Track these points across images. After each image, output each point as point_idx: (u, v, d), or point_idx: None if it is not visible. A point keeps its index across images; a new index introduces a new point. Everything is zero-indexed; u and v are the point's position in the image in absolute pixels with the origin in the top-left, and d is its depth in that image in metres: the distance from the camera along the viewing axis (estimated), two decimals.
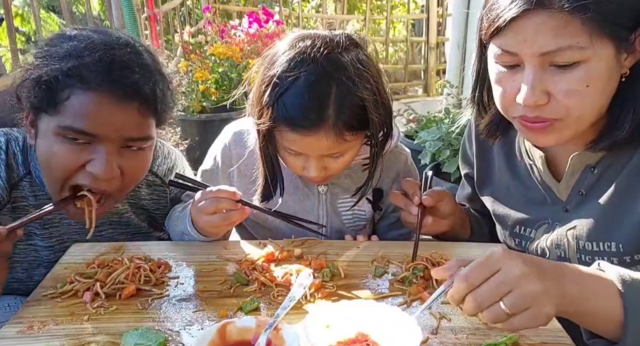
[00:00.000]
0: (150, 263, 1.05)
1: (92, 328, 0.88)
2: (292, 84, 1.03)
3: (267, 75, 1.07)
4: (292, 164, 1.15)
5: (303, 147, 1.09)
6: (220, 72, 3.87)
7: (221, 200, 1.08)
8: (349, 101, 1.04)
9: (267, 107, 1.06)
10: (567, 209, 1.08)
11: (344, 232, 1.31)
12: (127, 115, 1.02)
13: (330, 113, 1.03)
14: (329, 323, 0.85)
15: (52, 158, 1.04)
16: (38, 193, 1.16)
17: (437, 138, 2.77)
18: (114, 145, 1.03)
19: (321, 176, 1.14)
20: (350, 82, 1.04)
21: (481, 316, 0.89)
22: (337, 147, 1.08)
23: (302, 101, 1.03)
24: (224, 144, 1.31)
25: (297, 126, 1.04)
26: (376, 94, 1.08)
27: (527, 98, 0.91)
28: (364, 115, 1.07)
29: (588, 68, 0.88)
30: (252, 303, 0.94)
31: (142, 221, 1.31)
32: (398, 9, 7.51)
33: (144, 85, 1.03)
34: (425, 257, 1.09)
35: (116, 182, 1.07)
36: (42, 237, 1.19)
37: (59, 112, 1.00)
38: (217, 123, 3.70)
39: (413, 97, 6.25)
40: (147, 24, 3.87)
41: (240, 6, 5.96)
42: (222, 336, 0.81)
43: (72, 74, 0.99)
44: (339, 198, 1.31)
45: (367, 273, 1.07)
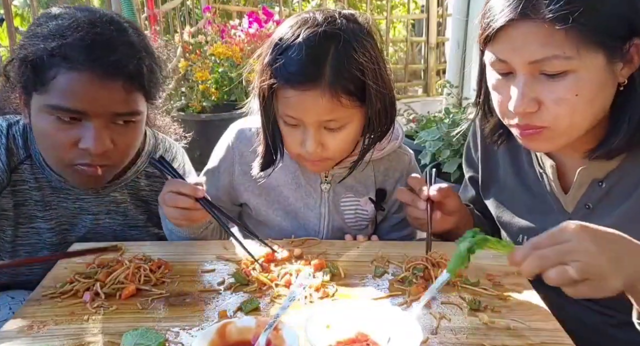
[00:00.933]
0: (150, 263, 1.05)
1: (92, 328, 0.88)
2: (292, 42, 1.06)
3: (270, 42, 1.11)
4: (291, 140, 1.15)
5: (300, 110, 1.08)
6: (220, 72, 3.86)
7: (179, 197, 1.07)
8: (347, 63, 1.06)
9: (267, 65, 1.09)
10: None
11: (345, 230, 1.31)
12: (112, 92, 1.04)
13: (327, 71, 1.05)
14: (329, 323, 0.85)
15: (46, 136, 1.07)
16: (38, 176, 1.19)
17: (437, 138, 2.76)
18: (103, 120, 1.05)
19: (318, 153, 1.13)
20: (348, 45, 1.06)
21: (480, 317, 0.89)
22: (334, 112, 1.08)
23: (300, 57, 1.05)
24: (227, 143, 1.32)
25: (294, 81, 1.06)
26: (375, 65, 1.09)
27: (517, 105, 0.93)
28: (362, 84, 1.08)
29: (577, 77, 0.89)
30: (252, 303, 0.94)
31: (139, 213, 1.31)
32: (398, 9, 7.49)
33: (127, 63, 1.04)
34: (425, 257, 1.09)
35: (110, 156, 1.09)
36: (44, 219, 1.21)
37: (46, 91, 1.03)
38: (217, 123, 3.70)
39: (413, 97, 6.24)
40: (147, 24, 3.86)
41: (240, 6, 5.96)
42: (222, 336, 0.81)
43: (56, 53, 1.01)
44: (342, 197, 1.30)
45: (367, 273, 1.07)
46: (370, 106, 1.11)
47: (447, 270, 0.84)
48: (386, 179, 1.32)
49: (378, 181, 1.32)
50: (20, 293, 1.19)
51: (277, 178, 1.29)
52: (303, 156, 1.16)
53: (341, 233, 1.30)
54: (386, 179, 1.32)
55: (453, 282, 1.02)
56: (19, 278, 1.23)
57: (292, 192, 1.29)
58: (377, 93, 1.10)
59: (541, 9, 0.86)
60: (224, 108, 3.80)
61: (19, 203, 1.19)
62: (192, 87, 4.00)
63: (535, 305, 0.96)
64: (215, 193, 1.30)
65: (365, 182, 1.31)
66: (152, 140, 1.32)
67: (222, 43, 3.98)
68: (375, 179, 1.31)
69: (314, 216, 1.29)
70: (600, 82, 0.90)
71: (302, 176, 1.29)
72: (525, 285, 1.03)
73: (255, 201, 1.31)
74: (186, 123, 4.50)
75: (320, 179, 1.29)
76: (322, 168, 1.24)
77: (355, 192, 1.31)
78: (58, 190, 1.21)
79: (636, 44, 0.89)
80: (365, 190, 1.31)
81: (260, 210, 1.32)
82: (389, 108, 1.16)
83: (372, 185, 1.31)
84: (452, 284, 1.02)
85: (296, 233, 1.28)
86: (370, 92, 1.09)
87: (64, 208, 1.23)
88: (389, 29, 6.39)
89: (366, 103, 1.10)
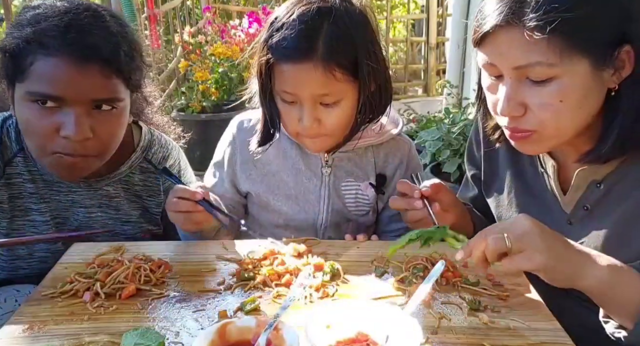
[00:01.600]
0: (150, 263, 1.05)
1: (92, 328, 0.88)
2: (287, 19, 1.09)
3: (268, 21, 1.15)
4: (288, 117, 1.18)
5: (295, 84, 1.11)
6: (220, 72, 3.86)
7: (180, 201, 1.09)
8: (340, 38, 1.09)
9: (264, 43, 1.13)
10: (570, 222, 1.07)
11: (345, 215, 1.33)
12: (89, 77, 1.05)
13: (320, 45, 1.08)
14: (329, 323, 0.85)
15: (27, 124, 1.08)
16: (32, 168, 1.20)
17: (437, 138, 2.77)
18: (83, 107, 1.06)
19: (314, 129, 1.15)
20: (341, 21, 1.09)
21: (480, 317, 0.90)
22: (328, 86, 1.10)
23: (293, 32, 1.08)
24: (228, 134, 1.37)
25: (289, 56, 1.09)
26: (369, 44, 1.13)
27: (503, 109, 0.95)
28: (355, 59, 1.11)
29: (561, 84, 0.89)
30: (252, 303, 0.94)
31: (133, 209, 1.32)
32: (398, 9, 7.49)
33: (102, 47, 1.05)
34: (425, 257, 1.09)
35: (91, 145, 1.09)
36: (39, 212, 1.22)
37: (25, 78, 1.04)
38: (217, 123, 3.70)
39: (413, 97, 6.24)
40: (147, 24, 3.86)
41: (240, 6, 5.96)
42: (222, 336, 0.81)
43: (31, 40, 1.03)
44: (343, 182, 1.33)
45: (367, 273, 1.07)
46: (363, 83, 1.13)
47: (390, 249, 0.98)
48: (386, 165, 1.35)
49: (378, 166, 1.34)
50: (26, 286, 1.19)
51: (278, 164, 1.32)
52: (301, 132, 1.18)
53: (341, 217, 1.33)
54: (386, 165, 1.35)
55: (453, 282, 1.02)
56: (18, 272, 1.24)
57: (293, 177, 1.31)
58: (371, 70, 1.13)
59: (523, 17, 0.86)
60: (224, 109, 3.81)
61: (14, 195, 1.19)
62: (192, 87, 4.00)
63: (535, 305, 0.96)
64: (222, 185, 1.35)
65: (365, 168, 1.33)
66: (148, 136, 1.34)
67: (222, 43, 3.98)
68: (376, 165, 1.34)
69: (315, 199, 1.31)
70: (586, 88, 0.91)
71: (302, 161, 1.31)
72: (525, 285, 1.03)
73: (256, 188, 1.33)
74: (186, 123, 4.52)
75: (320, 163, 1.31)
76: (321, 147, 1.25)
77: (356, 177, 1.33)
78: (50, 183, 1.22)
79: (626, 50, 0.89)
80: (366, 175, 1.33)
81: (261, 197, 1.34)
82: (384, 88, 1.19)
83: (372, 170, 1.34)
84: (452, 284, 1.02)
85: (296, 216, 1.31)
86: (362, 68, 1.11)
87: (57, 201, 1.24)
88: (389, 29, 6.39)
89: (360, 77, 1.13)
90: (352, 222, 1.36)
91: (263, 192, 1.33)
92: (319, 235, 1.33)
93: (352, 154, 1.32)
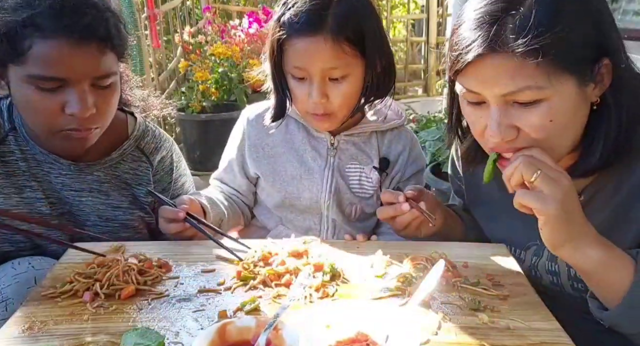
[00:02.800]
0: (142, 263, 1.04)
1: (92, 328, 0.88)
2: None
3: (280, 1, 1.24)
4: (299, 92, 1.24)
5: (305, 57, 1.19)
6: (220, 72, 3.87)
7: (170, 225, 1.18)
8: (348, 14, 1.18)
9: (277, 21, 1.21)
10: None
11: (348, 195, 1.38)
12: (88, 56, 1.08)
13: (330, 19, 1.16)
14: (329, 323, 0.85)
15: (31, 106, 1.11)
16: (23, 147, 1.23)
17: (437, 138, 2.77)
18: (84, 84, 1.10)
19: (323, 104, 1.22)
20: (352, 2, 1.19)
21: (480, 317, 0.90)
22: (337, 59, 1.18)
23: (304, 7, 1.17)
24: (239, 124, 1.46)
25: (300, 30, 1.17)
26: (375, 23, 1.22)
27: (494, 135, 0.93)
28: (362, 35, 1.19)
29: (550, 105, 0.89)
30: (252, 303, 0.94)
31: (122, 196, 1.32)
32: (398, 9, 7.49)
33: (98, 26, 1.09)
34: (425, 257, 1.09)
35: (95, 120, 1.14)
36: (33, 189, 1.23)
37: (24, 61, 1.06)
38: (217, 123, 3.70)
39: (413, 97, 6.24)
40: (147, 24, 3.86)
41: (240, 6, 5.95)
42: (222, 336, 0.81)
43: (27, 23, 1.04)
44: (347, 164, 1.39)
45: (367, 273, 1.06)
46: (370, 60, 1.21)
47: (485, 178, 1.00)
48: (390, 150, 1.41)
49: (382, 151, 1.41)
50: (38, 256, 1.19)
51: (284, 146, 1.39)
52: (310, 110, 1.25)
53: (343, 197, 1.38)
54: (390, 150, 1.41)
55: (453, 282, 1.02)
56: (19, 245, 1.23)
57: (298, 158, 1.38)
58: (377, 49, 1.21)
59: (509, 43, 0.85)
60: (224, 109, 3.81)
61: (9, 173, 1.21)
62: (192, 87, 4.00)
63: (535, 305, 0.96)
64: (231, 173, 1.45)
65: (369, 153, 1.39)
66: (142, 126, 1.36)
67: (222, 43, 3.98)
68: (379, 149, 1.40)
69: (318, 177, 1.37)
70: (574, 105, 0.91)
71: (309, 143, 1.38)
72: (525, 285, 1.03)
73: (263, 169, 1.40)
74: (186, 123, 4.52)
75: (326, 146, 1.38)
76: (328, 125, 1.30)
77: (360, 161, 1.39)
78: (41, 163, 1.24)
79: (605, 64, 0.89)
80: (370, 159, 1.39)
81: (267, 177, 1.40)
82: (388, 70, 1.27)
83: (376, 154, 1.40)
84: (452, 284, 1.02)
85: (300, 195, 1.38)
86: (369, 45, 1.19)
87: (48, 181, 1.25)
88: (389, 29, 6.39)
89: (366, 56, 1.20)
90: (356, 206, 1.40)
91: (270, 172, 1.39)
92: (323, 215, 1.39)
93: (357, 139, 1.39)
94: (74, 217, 1.28)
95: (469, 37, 0.89)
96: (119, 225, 1.31)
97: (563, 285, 1.06)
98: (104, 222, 1.30)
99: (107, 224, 1.30)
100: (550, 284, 1.09)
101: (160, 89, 3.98)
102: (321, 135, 1.38)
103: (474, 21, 0.89)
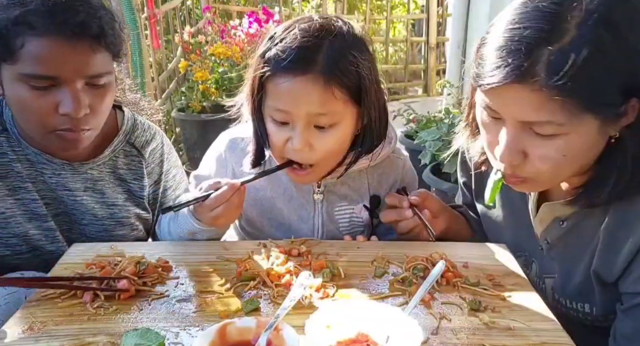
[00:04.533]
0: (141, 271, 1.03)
1: (92, 328, 0.88)
2: (287, 33, 1.06)
3: (266, 37, 1.11)
4: (277, 139, 1.11)
5: (290, 99, 1.05)
6: (220, 72, 3.87)
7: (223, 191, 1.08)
8: (342, 56, 1.04)
9: (261, 56, 1.08)
10: (542, 248, 1.09)
11: (339, 238, 1.29)
12: (81, 54, 1.06)
13: (321, 59, 1.03)
14: (329, 323, 0.85)
15: (24, 105, 1.09)
16: (16, 149, 1.21)
17: (437, 138, 2.76)
18: (78, 84, 1.08)
19: (305, 152, 1.09)
20: (344, 41, 1.06)
21: (481, 317, 0.90)
22: (326, 105, 1.04)
23: (294, 44, 1.04)
24: (219, 153, 1.31)
25: (287, 68, 1.03)
26: (372, 69, 1.09)
27: (503, 156, 0.92)
28: (356, 82, 1.06)
29: (567, 140, 0.87)
30: (252, 304, 0.94)
31: (118, 192, 1.32)
32: (398, 9, 7.49)
33: (91, 23, 1.06)
34: (425, 257, 1.09)
35: (89, 119, 1.12)
36: (27, 190, 1.22)
37: (17, 60, 1.04)
38: (217, 123, 3.70)
39: (413, 97, 6.25)
40: (147, 24, 3.86)
41: (240, 6, 5.96)
42: (222, 337, 0.81)
43: (19, 21, 1.02)
44: (336, 206, 1.30)
45: (367, 273, 1.06)
46: (367, 108, 1.09)
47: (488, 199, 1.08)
48: (380, 185, 1.31)
49: (372, 188, 1.31)
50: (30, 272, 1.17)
51: (271, 189, 1.28)
52: (288, 157, 1.13)
53: (335, 238, 1.29)
54: (380, 185, 1.31)
55: (453, 283, 1.02)
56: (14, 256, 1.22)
57: (286, 204, 1.28)
58: (372, 97, 1.09)
59: (537, 76, 0.81)
60: (224, 109, 3.80)
61: (2, 175, 1.20)
62: (192, 87, 4.00)
63: (535, 305, 0.96)
64: None
65: (359, 190, 1.30)
66: (131, 121, 1.35)
67: (222, 43, 3.98)
68: (369, 187, 1.31)
69: (308, 228, 1.28)
70: (591, 143, 0.89)
71: (295, 187, 1.27)
72: (525, 285, 1.03)
73: (249, 211, 1.30)
74: (186, 123, 4.51)
75: (313, 189, 1.28)
76: (307, 180, 1.20)
77: (350, 201, 1.30)
78: (35, 163, 1.22)
79: (633, 104, 0.85)
80: (359, 197, 1.30)
81: (254, 221, 1.31)
82: (382, 120, 1.16)
83: (365, 192, 1.31)
84: (452, 284, 1.02)
85: (293, 234, 1.25)
86: (366, 93, 1.07)
87: (42, 181, 1.24)
88: (389, 29, 6.39)
89: (362, 104, 1.09)
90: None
91: (257, 215, 1.31)
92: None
93: (345, 178, 1.27)
94: (69, 216, 1.28)
95: (499, 59, 0.84)
96: (115, 222, 1.31)
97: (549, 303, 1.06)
98: (100, 221, 1.30)
99: (103, 223, 1.30)
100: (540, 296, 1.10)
101: (160, 89, 3.99)
102: None
103: (508, 42, 0.84)
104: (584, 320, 1.04)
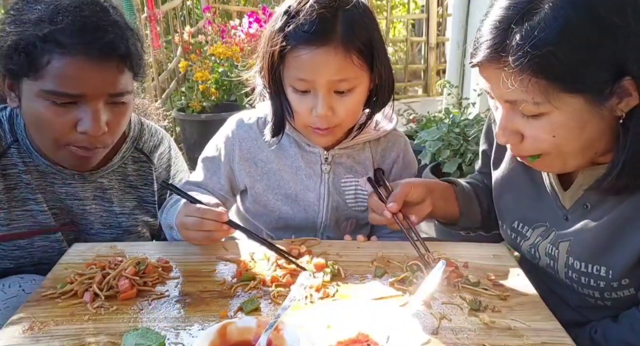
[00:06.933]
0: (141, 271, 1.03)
1: (92, 328, 0.88)
2: (302, 6, 1.10)
3: (278, 12, 1.15)
4: (300, 107, 1.17)
5: (312, 69, 1.11)
6: (220, 72, 3.86)
7: (206, 222, 1.07)
8: (357, 24, 1.11)
9: (279, 31, 1.12)
10: (567, 218, 1.06)
11: (345, 212, 1.34)
12: (106, 73, 1.07)
13: (339, 28, 1.09)
14: (329, 323, 0.85)
15: (42, 121, 1.08)
16: (26, 160, 1.21)
17: (437, 138, 2.76)
18: (99, 102, 1.07)
19: (328, 117, 1.15)
20: (356, 10, 1.12)
21: (481, 317, 0.90)
22: (346, 71, 1.11)
23: (313, 16, 1.08)
24: (227, 131, 1.35)
25: (308, 39, 1.09)
26: (379, 35, 1.17)
27: (499, 137, 0.94)
28: (369, 47, 1.13)
29: (551, 120, 0.87)
30: (252, 303, 0.94)
31: (127, 200, 1.32)
32: (398, 9, 7.49)
33: (119, 44, 1.07)
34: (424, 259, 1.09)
35: (106, 138, 1.13)
36: (36, 202, 1.22)
37: (40, 76, 1.04)
38: (217, 123, 3.67)
39: (413, 97, 6.24)
40: (147, 24, 3.86)
41: (240, 6, 5.95)
42: (223, 337, 0.81)
43: (48, 39, 1.02)
44: (342, 178, 1.33)
45: (367, 273, 1.07)
46: (378, 70, 1.16)
47: None
48: (384, 160, 1.37)
49: (376, 162, 1.36)
50: (29, 275, 1.18)
51: (278, 162, 1.32)
52: (312, 124, 1.18)
53: (341, 214, 1.34)
54: (384, 160, 1.37)
55: (454, 283, 1.02)
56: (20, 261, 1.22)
57: (292, 176, 1.32)
58: (382, 58, 1.16)
59: (508, 55, 0.83)
60: (224, 108, 3.80)
61: (10, 186, 1.19)
62: (192, 87, 4.00)
63: (535, 305, 0.96)
64: (218, 182, 1.33)
65: (364, 163, 1.35)
66: (138, 126, 1.34)
67: (222, 43, 3.98)
68: (374, 160, 1.36)
69: (314, 197, 1.32)
70: (580, 121, 0.88)
71: (302, 159, 1.31)
72: (525, 285, 1.03)
73: (256, 185, 1.33)
74: (186, 123, 4.50)
75: (320, 161, 1.31)
76: (330, 139, 1.26)
77: (355, 173, 1.34)
78: (45, 174, 1.22)
79: (627, 82, 0.83)
80: (364, 170, 1.34)
81: (260, 195, 1.33)
82: (390, 80, 1.23)
83: (370, 166, 1.35)
84: (452, 284, 1.02)
85: (296, 215, 1.32)
86: (378, 55, 1.14)
87: (52, 192, 1.24)
88: (389, 29, 6.38)
89: (375, 67, 1.15)
90: (351, 220, 1.37)
91: (263, 190, 1.33)
92: (318, 234, 1.34)
93: (350, 151, 1.33)
94: (76, 226, 1.27)
95: (484, 35, 0.89)
96: (122, 231, 1.31)
97: (558, 270, 1.06)
98: (107, 229, 1.29)
99: (111, 231, 1.30)
100: (546, 267, 1.09)
101: (160, 89, 3.99)
102: (314, 150, 1.30)
103: (493, 22, 0.87)
104: (591, 294, 1.02)
